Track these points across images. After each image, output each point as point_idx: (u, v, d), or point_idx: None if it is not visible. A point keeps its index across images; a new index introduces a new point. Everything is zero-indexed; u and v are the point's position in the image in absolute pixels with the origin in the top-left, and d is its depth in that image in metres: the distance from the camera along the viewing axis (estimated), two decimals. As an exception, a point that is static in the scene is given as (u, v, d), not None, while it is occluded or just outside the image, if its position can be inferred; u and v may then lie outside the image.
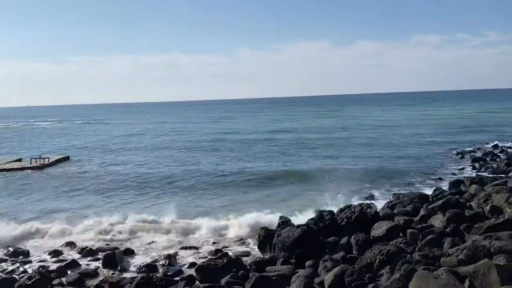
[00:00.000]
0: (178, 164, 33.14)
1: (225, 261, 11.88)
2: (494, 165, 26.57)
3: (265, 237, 13.35)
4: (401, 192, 20.14)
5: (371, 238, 12.49)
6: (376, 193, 21.46)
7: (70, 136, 62.74)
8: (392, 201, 17.52)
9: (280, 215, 16.43)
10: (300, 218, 16.05)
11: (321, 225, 14.05)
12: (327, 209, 14.72)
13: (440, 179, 24.22)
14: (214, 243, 15.42)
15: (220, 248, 14.60)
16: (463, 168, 27.36)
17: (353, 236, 12.52)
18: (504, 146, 35.14)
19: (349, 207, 14.83)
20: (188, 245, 15.09)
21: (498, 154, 31.35)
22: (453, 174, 25.77)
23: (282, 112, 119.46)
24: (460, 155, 31.84)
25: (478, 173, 24.93)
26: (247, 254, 14.05)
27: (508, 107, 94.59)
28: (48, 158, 34.59)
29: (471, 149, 35.02)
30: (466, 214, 12.71)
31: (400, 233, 12.66)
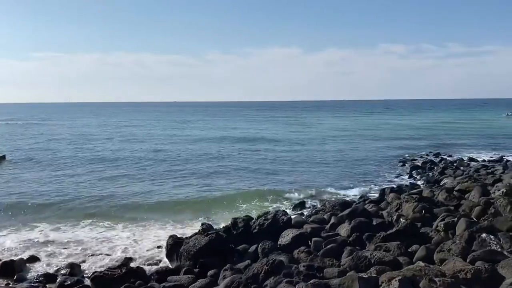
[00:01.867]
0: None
1: (123, 270, 11.46)
2: (430, 174, 27.20)
3: (172, 245, 13.01)
4: (332, 198, 20.31)
5: (278, 246, 12.38)
6: (308, 200, 21.47)
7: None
8: (316, 207, 17.56)
9: (203, 222, 16.21)
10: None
11: (234, 233, 13.88)
12: (242, 216, 14.54)
13: (375, 184, 24.62)
14: (124, 251, 14.91)
15: (131, 256, 14.12)
16: (399, 176, 27.93)
17: (260, 244, 12.38)
18: (445, 156, 36.10)
19: (266, 214, 14.73)
20: (101, 253, 14.54)
21: (438, 162, 32.15)
22: (390, 181, 26.21)
23: (238, 117, 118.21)
24: (401, 163, 32.51)
25: (411, 181, 25.47)
26: (158, 263, 13.66)
27: (461, 118, 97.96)
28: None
29: (414, 157, 35.81)
30: (374, 223, 12.80)
31: (309, 242, 12.63)
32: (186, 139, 53.15)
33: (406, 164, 31.94)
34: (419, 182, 25.47)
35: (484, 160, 33.16)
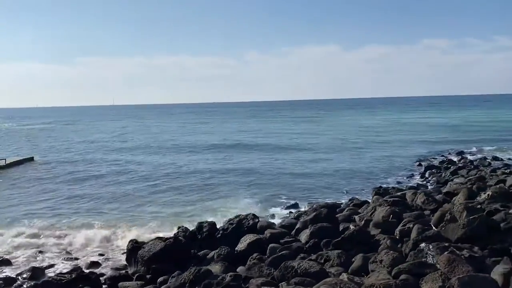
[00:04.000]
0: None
1: (73, 276, 11.28)
2: (442, 174, 25.62)
3: (131, 250, 12.70)
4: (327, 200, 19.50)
5: (235, 252, 11.83)
6: (303, 202, 20.68)
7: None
8: (300, 211, 16.81)
9: (180, 225, 15.83)
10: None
11: (199, 237, 13.45)
12: (208, 220, 14.09)
13: (381, 186, 23.44)
14: (100, 254, 14.82)
15: (97, 260, 13.97)
16: (412, 176, 26.54)
17: (217, 250, 11.88)
18: (469, 154, 34.07)
19: (235, 217, 14.21)
20: (69, 257, 14.48)
21: (457, 162, 30.33)
22: (398, 182, 24.88)
23: (271, 117, 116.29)
24: (418, 163, 30.94)
25: (420, 182, 24.12)
26: (124, 267, 13.41)
27: (503, 114, 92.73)
28: (5, 159, 34.23)
29: (434, 156, 34.02)
30: (340, 229, 11.97)
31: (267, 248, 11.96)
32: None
33: (423, 164, 30.32)
34: (430, 183, 24.12)
35: (510, 159, 30.96)
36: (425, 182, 24.58)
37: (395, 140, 46.17)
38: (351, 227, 10.98)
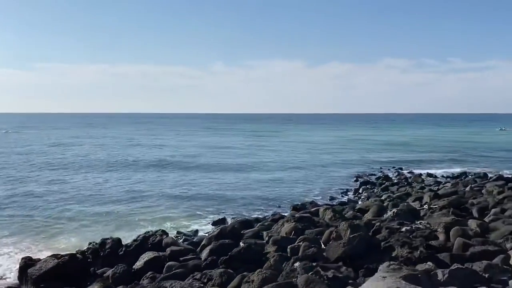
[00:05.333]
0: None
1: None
2: (374, 190, 26.09)
3: (23, 267, 11.96)
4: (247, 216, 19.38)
5: (132, 270, 11.34)
6: (233, 217, 20.40)
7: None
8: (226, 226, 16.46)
9: (91, 241, 15.12)
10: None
11: (101, 254, 12.87)
12: (113, 237, 13.53)
13: (311, 202, 23.47)
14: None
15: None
16: (347, 191, 26.85)
17: (113, 268, 11.35)
18: (406, 171, 34.99)
19: (146, 233, 13.73)
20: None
21: (392, 178, 31.04)
22: (332, 198, 25.06)
23: (226, 130, 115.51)
24: (355, 178, 31.41)
25: (352, 198, 24.42)
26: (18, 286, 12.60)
27: (451, 132, 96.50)
28: None
29: (372, 173, 34.67)
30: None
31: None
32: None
33: (360, 180, 30.80)
34: (361, 198, 24.44)
35: (443, 176, 32.02)
36: (356, 197, 24.91)
37: (340, 156, 46.77)
38: (241, 244, 10.74)
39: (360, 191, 26.67)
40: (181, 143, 64.79)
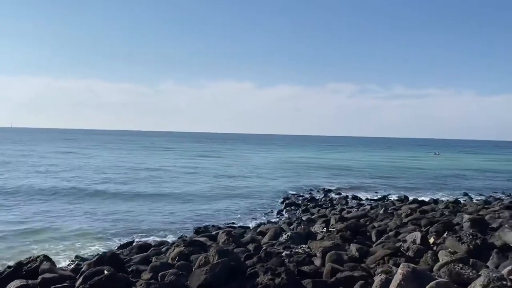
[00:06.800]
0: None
1: None
2: (296, 212, 26.11)
3: None
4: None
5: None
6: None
7: None
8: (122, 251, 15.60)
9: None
10: None
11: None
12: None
13: (233, 223, 23.03)
14: None
15: None
16: (270, 212, 26.68)
17: None
18: (334, 193, 35.51)
19: (27, 259, 12.61)
20: None
21: (318, 200, 31.32)
22: (253, 219, 24.77)
23: (167, 149, 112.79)
24: (282, 200, 31.41)
25: (274, 220, 24.24)
26: None
27: (388, 156, 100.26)
28: None
29: (301, 194, 34.89)
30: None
31: None
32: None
33: (286, 201, 30.81)
34: (282, 220, 24.30)
35: (367, 199, 32.74)
36: (278, 219, 24.75)
37: (275, 177, 46.89)
38: (105, 272, 10.03)
39: (284, 212, 26.60)
40: (104, 163, 58.19)
